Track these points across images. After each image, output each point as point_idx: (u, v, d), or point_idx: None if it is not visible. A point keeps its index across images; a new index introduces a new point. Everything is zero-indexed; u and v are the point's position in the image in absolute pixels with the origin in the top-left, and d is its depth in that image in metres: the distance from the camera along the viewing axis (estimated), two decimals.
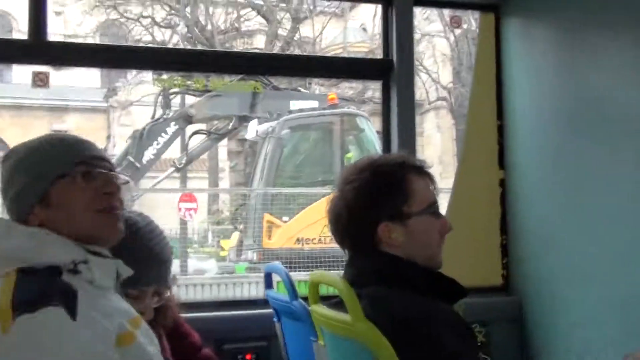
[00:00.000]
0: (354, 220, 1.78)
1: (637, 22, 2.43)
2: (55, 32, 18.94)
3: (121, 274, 1.52)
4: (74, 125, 21.76)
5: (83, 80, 21.21)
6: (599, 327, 2.65)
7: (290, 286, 2.30)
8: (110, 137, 21.60)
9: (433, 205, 1.81)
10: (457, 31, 18.42)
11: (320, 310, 1.84)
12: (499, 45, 3.31)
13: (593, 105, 2.70)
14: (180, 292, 8.80)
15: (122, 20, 18.75)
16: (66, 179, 1.47)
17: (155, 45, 15.76)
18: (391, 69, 3.08)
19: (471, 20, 13.12)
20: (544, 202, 3.01)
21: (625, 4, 2.50)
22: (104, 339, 1.31)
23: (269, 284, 2.63)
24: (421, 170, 1.84)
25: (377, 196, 1.77)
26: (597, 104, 2.68)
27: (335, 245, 1.88)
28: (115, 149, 18.31)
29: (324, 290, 2.04)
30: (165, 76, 10.56)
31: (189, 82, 10.80)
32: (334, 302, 1.84)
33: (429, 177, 1.85)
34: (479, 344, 2.86)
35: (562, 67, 2.93)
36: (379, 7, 3.22)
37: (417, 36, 18.76)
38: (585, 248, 2.74)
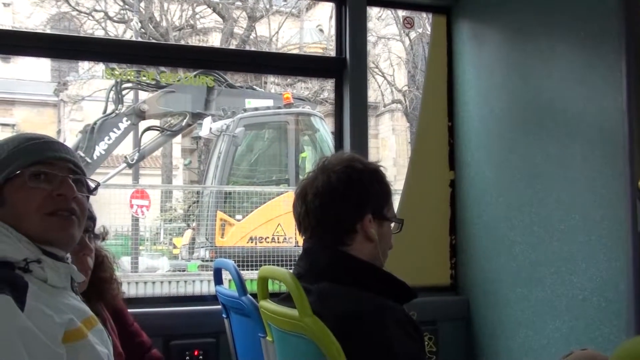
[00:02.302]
0: (342, 202, 1.77)
1: (584, 23, 2.49)
2: (3, 23, 18.45)
3: (74, 278, 1.50)
4: (22, 119, 21.24)
5: (32, 74, 20.70)
6: (542, 327, 2.71)
7: (239, 281, 2.29)
8: (61, 132, 21.13)
9: (398, 219, 1.88)
10: (412, 34, 18.58)
11: (268, 305, 1.84)
12: (450, 46, 3.36)
13: (542, 106, 2.75)
14: (131, 289, 8.69)
15: (74, 13, 18.34)
16: (17, 179, 1.44)
17: (110, 37, 15.48)
18: (344, 67, 3.10)
19: (426, 24, 13.25)
20: (493, 203, 3.06)
21: (573, 6, 2.56)
22: (49, 331, 1.30)
23: (218, 279, 2.61)
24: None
25: (371, 189, 1.80)
26: (547, 104, 2.72)
27: (287, 245, 1.88)
28: (66, 144, 17.89)
29: (276, 287, 2.04)
30: (117, 70, 10.38)
31: (135, 75, 10.62)
32: (282, 297, 1.83)
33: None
34: (427, 350, 2.92)
35: (511, 68, 2.98)
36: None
37: (373, 39, 18.93)
38: (532, 249, 2.79)
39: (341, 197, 1.77)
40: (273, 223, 9.73)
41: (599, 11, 2.41)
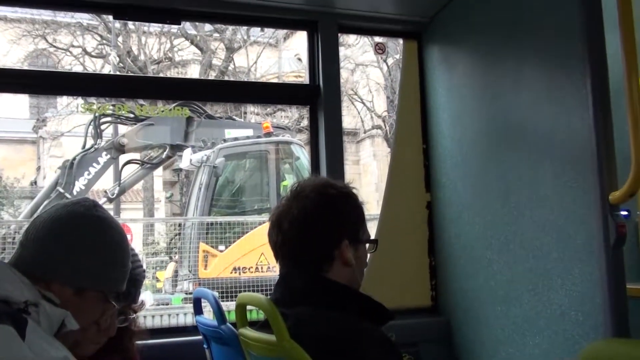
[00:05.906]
0: (318, 232, 1.77)
1: (549, 45, 2.55)
2: None
3: (66, 325, 1.50)
4: (2, 157, 21.08)
5: (10, 111, 20.61)
6: (522, 344, 2.72)
7: (218, 310, 2.29)
8: (40, 169, 21.00)
9: (373, 240, 1.89)
10: (390, 61, 18.78)
11: (247, 333, 1.84)
12: (422, 71, 3.41)
13: (512, 125, 2.80)
14: None
15: (52, 50, 18.37)
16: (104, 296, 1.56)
17: (89, 72, 15.50)
18: (318, 94, 3.13)
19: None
20: (469, 223, 3.09)
21: (540, 30, 2.62)
22: None
23: (198, 309, 2.60)
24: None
25: (346, 215, 1.81)
26: (516, 123, 2.77)
27: (272, 274, 1.88)
28: (45, 181, 17.80)
29: (261, 316, 2.04)
30: (95, 106, 10.38)
31: (110, 108, 10.63)
32: (260, 324, 1.84)
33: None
34: None
35: (482, 90, 3.03)
36: None
37: (351, 66, 19.10)
38: (508, 267, 2.81)
39: (317, 227, 1.78)
40: (256, 252, 9.69)
41: (563, 33, 2.46)
